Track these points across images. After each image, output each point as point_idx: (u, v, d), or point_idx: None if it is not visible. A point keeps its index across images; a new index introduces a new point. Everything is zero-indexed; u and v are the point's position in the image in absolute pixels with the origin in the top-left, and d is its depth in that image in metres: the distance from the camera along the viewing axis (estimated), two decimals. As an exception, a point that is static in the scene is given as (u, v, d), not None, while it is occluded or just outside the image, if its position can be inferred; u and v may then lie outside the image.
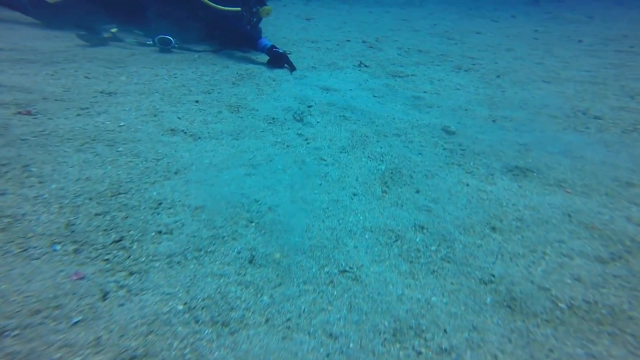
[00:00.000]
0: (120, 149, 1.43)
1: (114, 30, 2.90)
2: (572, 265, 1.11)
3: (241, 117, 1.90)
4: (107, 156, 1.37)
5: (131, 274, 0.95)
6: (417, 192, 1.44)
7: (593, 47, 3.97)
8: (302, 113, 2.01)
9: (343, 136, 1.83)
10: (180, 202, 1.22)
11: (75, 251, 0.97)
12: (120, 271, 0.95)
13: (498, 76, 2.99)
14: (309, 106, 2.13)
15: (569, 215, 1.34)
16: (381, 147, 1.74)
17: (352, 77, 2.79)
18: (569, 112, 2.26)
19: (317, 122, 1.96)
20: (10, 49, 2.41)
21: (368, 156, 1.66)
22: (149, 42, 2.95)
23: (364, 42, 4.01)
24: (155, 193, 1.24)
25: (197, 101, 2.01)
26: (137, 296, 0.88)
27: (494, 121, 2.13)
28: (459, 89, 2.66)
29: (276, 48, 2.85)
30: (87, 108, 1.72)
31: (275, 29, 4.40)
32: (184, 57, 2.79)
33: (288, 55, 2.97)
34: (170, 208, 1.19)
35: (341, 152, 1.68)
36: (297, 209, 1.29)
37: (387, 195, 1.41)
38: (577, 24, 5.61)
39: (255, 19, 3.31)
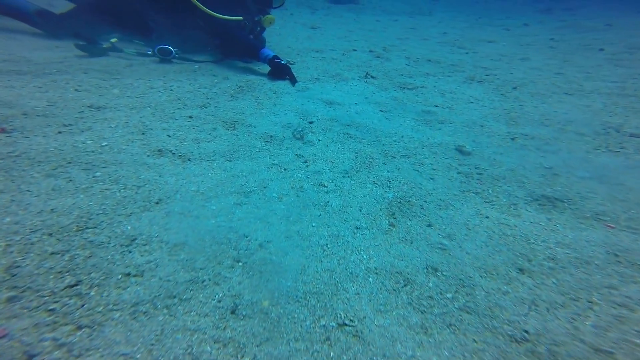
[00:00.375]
0: (97, 173, 1.29)
1: (113, 40, 2.82)
2: (635, 319, 0.92)
3: (236, 135, 1.76)
4: (81, 182, 1.23)
5: (79, 328, 0.79)
6: (429, 225, 1.26)
7: (617, 56, 3.74)
8: (302, 130, 1.86)
9: (346, 157, 1.67)
10: (157, 238, 1.07)
11: (10, 300, 0.82)
12: (65, 324, 0.79)
13: (514, 88, 2.80)
14: (311, 122, 1.98)
15: (616, 255, 1.14)
16: (388, 171, 1.57)
17: (358, 89, 2.63)
18: (599, 128, 2.05)
19: (319, 140, 1.81)
20: (4, 59, 2.33)
21: (374, 182, 1.49)
22: (149, 52, 2.86)
23: (370, 51, 3.88)
24: (129, 227, 1.09)
25: (190, 117, 1.88)
26: (77, 359, 0.72)
27: (513, 139, 1.94)
28: (472, 103, 2.48)
29: (278, 59, 2.73)
30: (70, 125, 1.59)
31: (280, 38, 4.30)
32: (183, 68, 2.68)
33: (291, 65, 2.85)
34: (145, 245, 1.04)
35: (344, 176, 1.51)
36: (292, 245, 1.13)
37: (394, 229, 1.23)
38: (595, 32, 5.37)
39: (258, 29, 3.20)
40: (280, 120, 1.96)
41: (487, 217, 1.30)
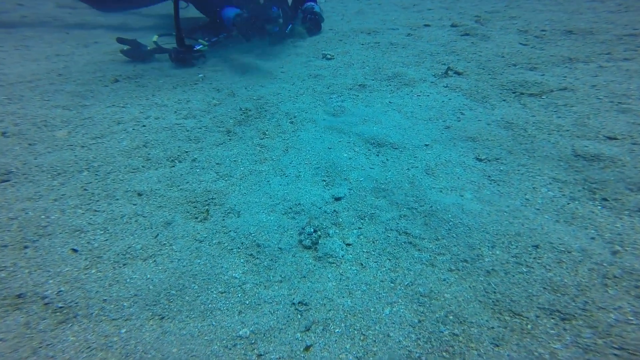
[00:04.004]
0: None
1: (155, 39, 2.30)
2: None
3: (199, 243, 0.93)
4: None
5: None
6: None
7: None
8: (319, 226, 0.93)
9: (404, 316, 0.69)
10: None
11: None
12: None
13: None
14: (337, 198, 1.02)
15: None
16: None
17: (432, 103, 1.51)
18: None
19: (347, 251, 0.86)
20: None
21: None
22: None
23: (453, 25, 2.55)
24: None
25: (139, 194, 1.11)
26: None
27: None
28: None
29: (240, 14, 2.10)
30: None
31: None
32: (183, 80, 1.94)
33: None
34: None
35: None
36: None
37: None
38: None
39: None
40: (285, 194, 1.05)
41: None
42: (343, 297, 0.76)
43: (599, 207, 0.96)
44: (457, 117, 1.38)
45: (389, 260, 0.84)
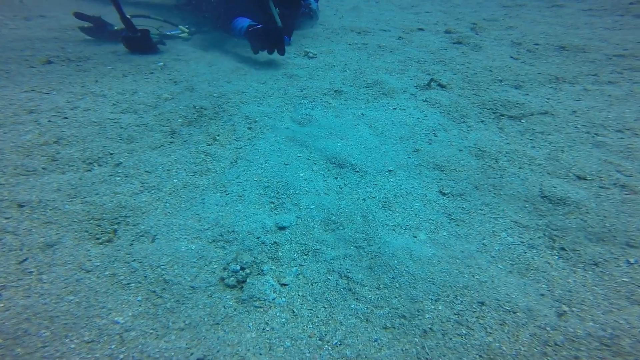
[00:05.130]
0: None
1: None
2: None
3: (78, 280, 0.80)
4: None
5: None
6: None
7: None
8: (253, 258, 0.84)
9: None
10: None
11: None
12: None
13: None
14: (282, 227, 0.93)
15: None
16: None
17: (406, 119, 1.41)
18: None
19: (279, 294, 0.78)
20: None
21: None
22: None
23: (447, 32, 2.42)
24: None
25: (20, 205, 0.98)
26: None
27: None
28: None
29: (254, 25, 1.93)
30: None
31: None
32: (139, 68, 1.79)
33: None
34: None
35: None
36: None
37: None
38: None
39: None
40: (219, 217, 0.95)
41: None
42: (260, 354, 0.67)
43: (556, 257, 0.89)
44: (428, 139, 1.29)
45: (325, 308, 0.77)
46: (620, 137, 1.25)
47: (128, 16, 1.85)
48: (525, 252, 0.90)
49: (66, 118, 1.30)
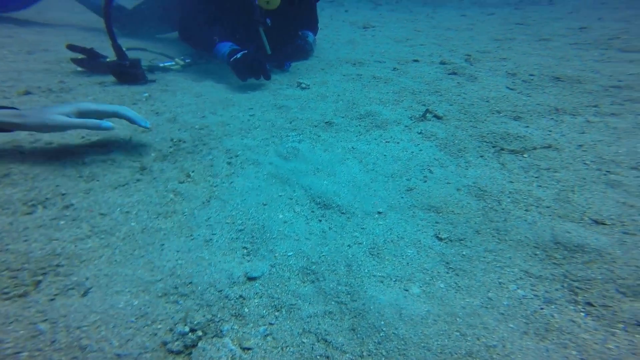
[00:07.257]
0: None
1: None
2: None
3: None
4: None
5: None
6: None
7: None
8: (211, 316, 0.71)
9: None
10: None
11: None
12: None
13: None
14: (252, 278, 0.80)
15: None
16: None
17: (399, 153, 1.33)
18: None
19: None
20: None
21: None
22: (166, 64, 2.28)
23: (442, 63, 2.42)
24: None
25: None
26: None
27: None
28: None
29: (236, 53, 2.00)
30: None
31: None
32: (122, 99, 1.75)
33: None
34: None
35: None
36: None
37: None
38: None
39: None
40: (177, 266, 0.83)
41: None
42: None
43: (582, 314, 0.75)
44: (423, 176, 1.19)
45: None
46: (637, 176, 1.14)
47: (119, 44, 1.87)
48: (542, 308, 0.76)
49: (22, 153, 1.20)
